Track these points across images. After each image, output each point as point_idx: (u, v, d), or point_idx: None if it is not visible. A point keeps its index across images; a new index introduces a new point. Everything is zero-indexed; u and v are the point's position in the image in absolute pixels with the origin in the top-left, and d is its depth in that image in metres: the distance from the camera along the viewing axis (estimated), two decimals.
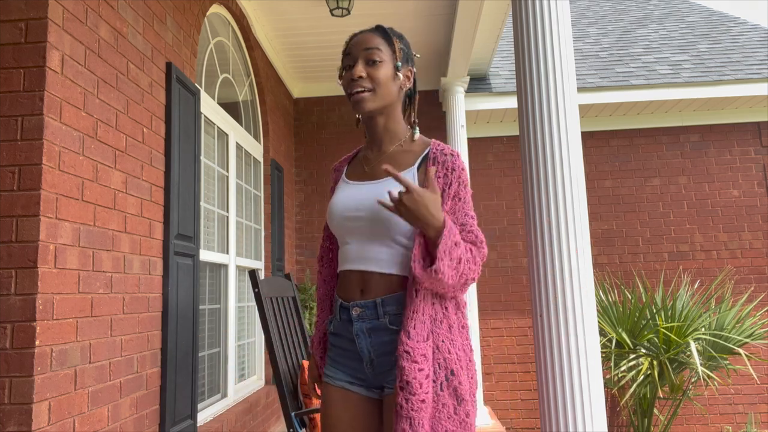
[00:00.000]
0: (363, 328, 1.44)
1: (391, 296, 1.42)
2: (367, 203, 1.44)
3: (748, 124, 5.69)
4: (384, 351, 1.43)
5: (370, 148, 1.58)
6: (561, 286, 1.67)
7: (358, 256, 1.47)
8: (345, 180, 1.58)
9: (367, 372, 1.46)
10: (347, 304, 1.48)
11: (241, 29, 4.21)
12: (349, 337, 1.48)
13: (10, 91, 1.86)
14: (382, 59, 1.46)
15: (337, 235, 1.54)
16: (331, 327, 1.56)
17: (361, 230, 1.46)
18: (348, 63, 1.49)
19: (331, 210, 1.53)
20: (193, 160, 2.97)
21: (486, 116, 5.65)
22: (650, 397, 4.63)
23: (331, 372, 1.53)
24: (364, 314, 1.44)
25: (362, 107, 1.46)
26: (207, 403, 3.39)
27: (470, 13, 4.00)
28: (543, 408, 1.67)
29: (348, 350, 1.49)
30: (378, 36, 1.49)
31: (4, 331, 1.77)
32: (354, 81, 1.46)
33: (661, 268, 5.55)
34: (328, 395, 1.51)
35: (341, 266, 1.53)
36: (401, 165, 1.49)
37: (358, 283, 1.47)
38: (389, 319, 1.43)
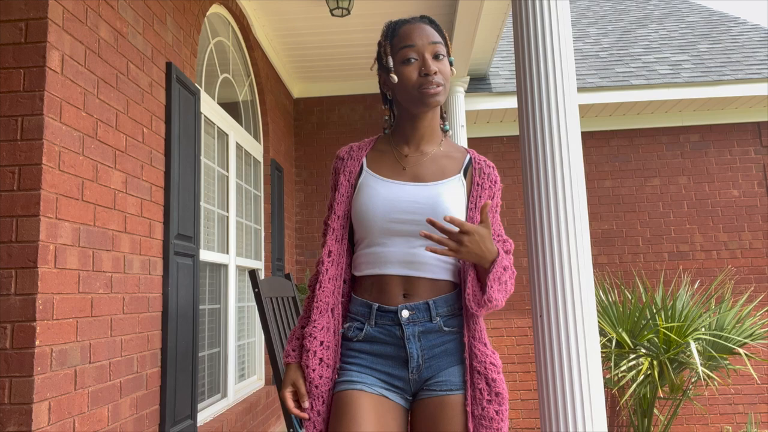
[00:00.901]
0: (415, 332, 1.37)
1: (441, 297, 1.39)
2: (424, 206, 1.38)
3: (748, 124, 5.69)
4: (433, 354, 1.38)
5: (405, 144, 1.49)
6: (561, 286, 1.67)
7: (404, 260, 1.39)
8: (374, 175, 1.45)
9: (410, 378, 1.38)
10: (391, 308, 1.38)
11: (241, 29, 4.21)
12: (390, 342, 1.38)
13: (10, 91, 1.86)
14: (444, 54, 1.43)
15: (371, 236, 1.42)
16: (360, 334, 1.41)
17: (409, 233, 1.39)
18: (411, 56, 1.40)
19: (369, 208, 1.40)
20: (193, 160, 2.97)
21: (486, 116, 5.65)
22: (650, 397, 4.63)
23: (358, 378, 1.37)
24: (415, 317, 1.37)
25: (438, 101, 1.41)
26: (207, 403, 3.39)
27: (470, 13, 4.00)
28: (543, 408, 1.67)
29: (387, 356, 1.38)
30: (434, 29, 1.44)
31: (4, 331, 1.77)
32: (429, 77, 1.38)
33: (661, 268, 5.55)
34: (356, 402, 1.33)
35: (371, 269, 1.42)
36: (446, 170, 1.45)
37: (401, 287, 1.40)
38: (443, 321, 1.39)
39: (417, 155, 1.47)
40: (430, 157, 1.47)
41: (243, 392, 3.99)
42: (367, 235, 1.42)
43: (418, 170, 1.45)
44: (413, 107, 1.43)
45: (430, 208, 1.38)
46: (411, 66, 1.40)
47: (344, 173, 1.48)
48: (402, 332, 1.37)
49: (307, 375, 1.38)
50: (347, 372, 1.39)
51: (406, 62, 1.40)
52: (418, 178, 1.44)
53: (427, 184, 1.42)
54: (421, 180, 1.44)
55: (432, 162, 1.46)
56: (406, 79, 1.40)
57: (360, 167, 1.48)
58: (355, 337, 1.41)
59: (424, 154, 1.47)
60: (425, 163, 1.46)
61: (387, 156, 1.49)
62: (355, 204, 1.43)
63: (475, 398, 1.34)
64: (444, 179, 1.44)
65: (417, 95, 1.40)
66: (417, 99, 1.40)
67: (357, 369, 1.39)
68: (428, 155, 1.47)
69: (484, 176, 1.47)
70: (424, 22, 1.45)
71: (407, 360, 1.37)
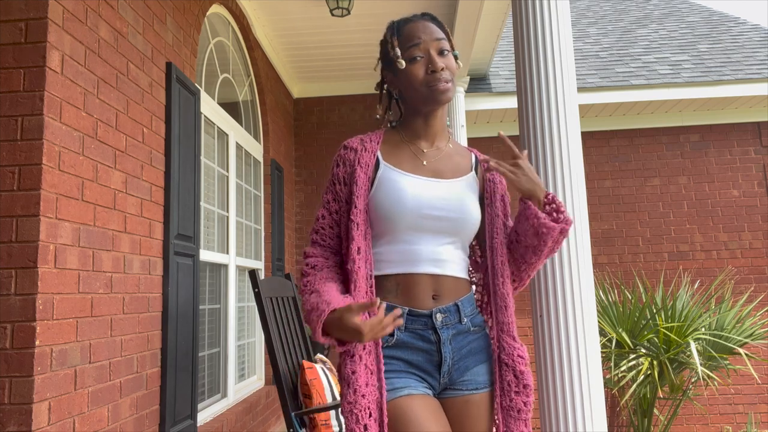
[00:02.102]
0: (449, 335, 1.35)
1: (466, 298, 1.41)
2: (453, 203, 1.38)
3: (748, 124, 5.69)
4: (461, 356, 1.38)
5: (420, 139, 1.47)
6: (561, 286, 1.67)
7: (432, 258, 1.36)
8: (394, 169, 1.40)
9: (441, 380, 1.37)
10: (423, 311, 1.34)
11: (241, 29, 4.21)
12: (422, 348, 1.34)
13: (10, 91, 1.86)
14: (449, 49, 1.42)
15: (395, 231, 1.36)
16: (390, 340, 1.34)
17: (437, 229, 1.37)
18: (417, 54, 1.39)
19: (397, 203, 1.34)
20: (193, 160, 2.97)
21: (486, 116, 5.65)
22: (650, 397, 4.63)
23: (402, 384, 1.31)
24: (448, 320, 1.36)
25: (448, 98, 1.41)
26: (207, 403, 3.39)
27: (470, 13, 4.00)
28: (543, 408, 1.67)
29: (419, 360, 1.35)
30: (437, 25, 1.44)
31: (4, 331, 1.77)
32: (437, 73, 1.37)
33: (661, 268, 5.55)
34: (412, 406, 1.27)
35: (399, 268, 1.36)
36: (461, 168, 1.47)
37: (430, 287, 1.36)
38: (470, 321, 1.39)
39: (434, 151, 1.47)
40: (446, 154, 1.48)
41: (243, 392, 3.99)
42: (391, 231, 1.36)
43: (437, 166, 1.44)
44: (424, 105, 1.42)
45: (458, 204, 1.39)
46: (417, 64, 1.39)
47: (360, 165, 1.40)
48: (437, 336, 1.35)
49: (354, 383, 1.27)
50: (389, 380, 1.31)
51: (413, 60, 1.39)
52: (438, 174, 1.43)
53: (448, 180, 1.43)
54: (441, 176, 1.43)
55: (448, 158, 1.47)
56: (414, 77, 1.39)
57: (376, 160, 1.42)
58: (385, 343, 1.34)
59: (440, 150, 1.48)
60: (442, 159, 1.46)
61: (403, 150, 1.45)
62: (379, 198, 1.36)
63: (503, 390, 1.37)
64: (461, 176, 1.45)
65: (426, 92, 1.39)
66: (427, 96, 1.39)
67: (395, 375, 1.32)
68: (444, 151, 1.48)
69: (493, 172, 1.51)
70: (426, 19, 1.44)
71: (440, 363, 1.35)
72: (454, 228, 1.38)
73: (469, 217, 1.39)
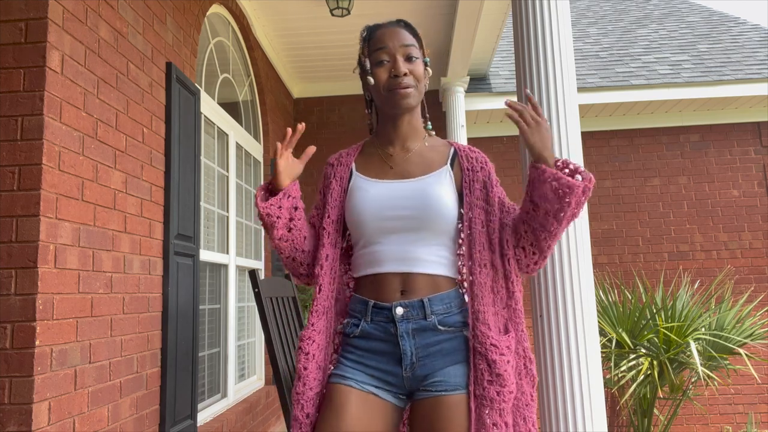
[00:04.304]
0: (408, 329, 1.38)
1: (438, 296, 1.40)
2: (415, 201, 1.40)
3: (748, 124, 5.69)
4: (427, 353, 1.38)
5: (390, 144, 1.50)
6: (561, 286, 1.67)
7: (399, 257, 1.41)
8: (363, 177, 1.48)
9: (404, 375, 1.39)
10: (386, 304, 1.40)
11: (241, 29, 4.21)
12: (384, 339, 1.40)
13: (10, 91, 1.86)
14: (418, 56, 1.45)
15: (366, 236, 1.44)
16: (356, 330, 1.43)
17: (402, 229, 1.40)
18: (382, 58, 1.43)
19: (361, 210, 1.42)
20: (193, 160, 2.97)
21: (486, 116, 5.65)
22: (650, 397, 4.63)
23: (350, 374, 1.39)
24: (409, 314, 1.38)
25: (408, 104, 1.43)
26: (207, 403, 3.39)
27: (470, 13, 4.00)
28: (543, 408, 1.68)
29: (381, 352, 1.40)
30: (408, 32, 1.47)
31: (4, 331, 1.77)
32: (398, 78, 1.41)
33: (661, 268, 5.55)
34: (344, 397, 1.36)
35: (369, 269, 1.44)
36: (433, 164, 1.47)
37: (398, 284, 1.41)
38: (437, 320, 1.39)
39: (402, 153, 1.49)
40: (416, 153, 1.49)
41: (243, 392, 3.99)
42: (362, 236, 1.45)
43: (404, 167, 1.47)
44: (387, 109, 1.46)
45: (420, 202, 1.40)
46: (383, 68, 1.43)
47: (336, 178, 1.52)
48: (396, 329, 1.39)
49: (304, 377, 1.39)
50: (341, 366, 1.42)
51: (379, 64, 1.43)
52: (405, 175, 1.46)
53: (415, 179, 1.44)
54: (409, 176, 1.46)
55: (418, 157, 1.48)
56: (378, 81, 1.43)
57: (350, 171, 1.52)
58: (352, 333, 1.44)
59: (408, 150, 1.49)
60: (411, 159, 1.48)
61: (374, 158, 1.52)
62: (348, 207, 1.46)
63: (476, 378, 1.35)
64: (431, 172, 1.46)
65: (388, 97, 1.43)
66: (389, 101, 1.43)
67: (351, 365, 1.41)
68: (413, 151, 1.49)
69: (472, 160, 1.48)
70: (399, 26, 1.47)
71: (401, 357, 1.38)
72: (419, 225, 1.40)
73: (434, 213, 1.40)
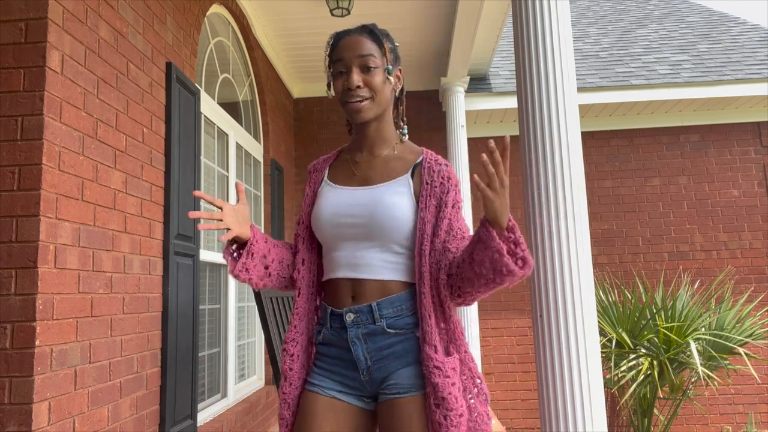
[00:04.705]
0: (359, 334, 1.40)
1: (386, 299, 1.39)
2: (366, 208, 1.40)
3: (748, 124, 5.69)
4: (381, 356, 1.39)
5: (358, 150, 1.51)
6: (561, 286, 1.67)
7: (349, 263, 1.42)
8: (329, 183, 1.51)
9: (363, 380, 1.41)
10: (339, 311, 1.42)
11: (241, 29, 4.21)
12: (342, 346, 1.42)
13: (10, 91, 1.86)
14: (376, 65, 1.41)
15: (325, 242, 1.47)
16: (320, 337, 1.47)
17: (355, 236, 1.41)
18: (339, 69, 1.42)
19: (319, 215, 1.45)
20: (193, 160, 2.97)
21: (486, 116, 5.65)
22: (650, 397, 4.63)
23: (317, 381, 1.44)
24: (358, 319, 1.39)
25: (362, 117, 1.42)
26: (207, 403, 3.39)
27: (470, 13, 4.00)
28: (543, 408, 1.67)
29: (342, 359, 1.43)
30: (368, 39, 1.43)
31: (4, 331, 1.77)
32: (351, 91, 1.40)
33: (661, 268, 5.55)
34: (311, 404, 1.41)
35: (328, 274, 1.47)
36: (394, 172, 1.45)
37: (349, 290, 1.42)
38: (386, 323, 1.39)
39: (369, 159, 1.50)
40: (381, 160, 1.49)
41: (243, 392, 3.99)
42: (323, 241, 1.49)
43: (367, 174, 1.48)
44: (348, 118, 1.48)
45: (371, 210, 1.39)
46: (339, 79, 1.44)
47: (310, 184, 1.57)
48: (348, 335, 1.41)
49: (290, 377, 1.45)
50: (312, 373, 1.47)
51: (337, 75, 1.45)
52: (366, 182, 1.46)
53: (373, 186, 1.44)
54: (369, 183, 1.45)
55: (382, 164, 1.48)
56: (336, 92, 1.45)
57: (322, 177, 1.55)
58: (317, 341, 1.49)
59: (375, 157, 1.49)
60: (375, 165, 1.48)
61: (344, 164, 1.54)
62: (312, 212, 1.50)
63: (427, 401, 1.34)
64: (391, 180, 1.44)
65: (344, 108, 1.45)
66: (345, 112, 1.45)
67: (318, 371, 1.46)
68: (379, 158, 1.49)
69: (434, 174, 1.42)
70: (360, 34, 1.44)
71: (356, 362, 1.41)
72: (370, 233, 1.39)
73: (385, 221, 1.37)
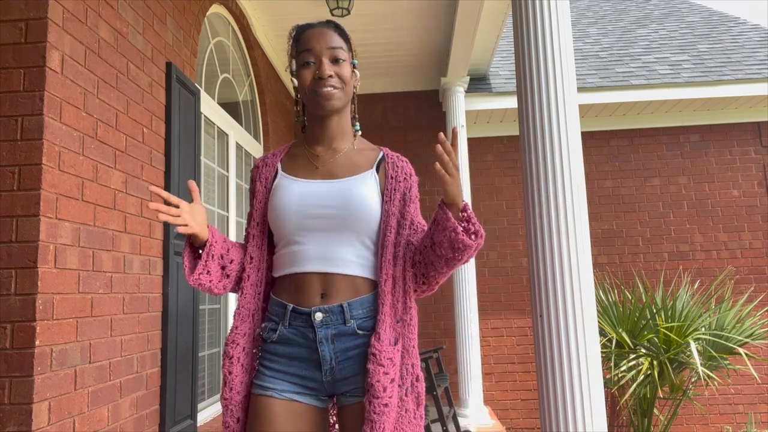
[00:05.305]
0: (328, 334, 1.37)
1: (357, 300, 1.39)
2: (339, 200, 1.39)
3: (748, 124, 5.69)
4: (346, 357, 1.37)
5: (316, 144, 1.50)
6: (561, 286, 1.67)
7: (320, 256, 1.39)
8: (288, 177, 1.47)
9: (324, 380, 1.38)
10: (305, 309, 1.38)
11: (241, 29, 4.21)
12: (303, 345, 1.38)
13: (10, 91, 1.86)
14: (344, 58, 1.45)
15: (287, 235, 1.43)
16: (274, 335, 1.41)
17: (325, 229, 1.40)
18: (308, 59, 1.44)
19: (283, 207, 1.41)
20: (193, 160, 2.97)
21: (486, 116, 5.65)
22: (650, 397, 4.63)
23: (269, 383, 1.38)
24: (328, 319, 1.37)
25: (333, 105, 1.43)
26: (207, 403, 3.39)
27: (470, 13, 4.00)
28: (543, 408, 1.67)
29: (300, 358, 1.39)
30: (337, 34, 1.47)
31: (4, 331, 1.77)
32: (323, 80, 1.41)
33: (661, 268, 5.55)
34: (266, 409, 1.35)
35: (289, 268, 1.42)
36: (358, 166, 1.47)
37: (319, 286, 1.39)
38: (357, 324, 1.38)
39: (329, 153, 1.49)
40: (343, 154, 1.49)
41: None
42: (284, 235, 1.44)
43: (330, 167, 1.47)
44: (313, 110, 1.47)
45: (343, 202, 1.39)
46: (308, 69, 1.44)
47: (260, 180, 1.51)
48: (315, 335, 1.37)
49: (230, 381, 1.39)
50: (261, 376, 1.40)
51: (305, 65, 1.44)
52: (330, 175, 1.46)
53: (340, 180, 1.44)
54: (334, 176, 1.45)
55: (345, 158, 1.48)
56: (303, 82, 1.44)
57: (275, 172, 1.51)
58: (269, 339, 1.42)
59: (336, 151, 1.49)
60: (338, 160, 1.48)
61: (300, 158, 1.51)
62: (270, 206, 1.45)
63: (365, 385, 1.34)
64: (357, 174, 1.45)
65: (312, 98, 1.43)
66: (313, 102, 1.44)
67: (270, 373, 1.40)
68: (341, 152, 1.49)
69: (398, 169, 1.48)
70: (328, 27, 1.47)
71: (320, 362, 1.37)
72: (342, 225, 1.39)
73: (357, 213, 1.39)
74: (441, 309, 5.37)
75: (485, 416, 4.64)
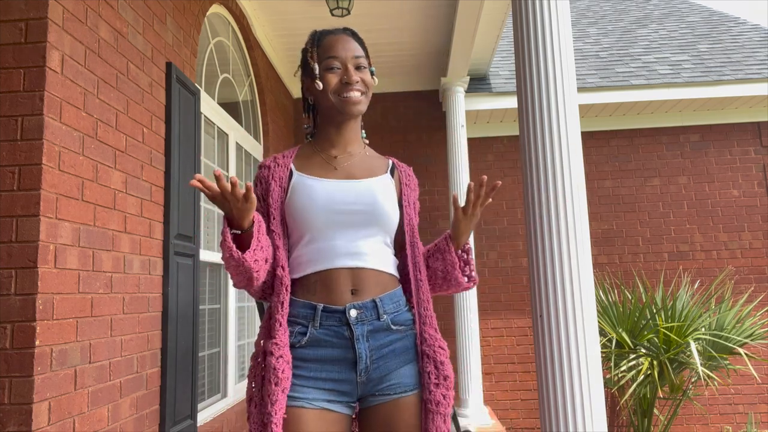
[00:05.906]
0: (364, 331, 1.36)
1: (387, 294, 1.42)
2: (366, 197, 1.44)
3: (748, 124, 5.69)
4: (380, 355, 1.38)
5: (332, 147, 1.52)
6: (561, 286, 1.67)
7: (350, 251, 1.40)
8: (306, 176, 1.46)
9: (357, 380, 1.36)
10: (337, 307, 1.36)
11: (241, 29, 4.21)
12: (337, 345, 1.36)
13: (10, 91, 1.86)
14: (366, 66, 1.52)
15: (315, 231, 1.40)
16: (304, 339, 1.36)
17: (354, 224, 1.41)
18: (334, 65, 1.48)
19: (310, 204, 1.39)
20: (193, 160, 2.97)
21: (486, 116, 5.65)
22: (650, 397, 4.63)
23: (302, 393, 1.33)
24: (363, 316, 1.37)
25: (358, 110, 1.49)
26: (207, 403, 3.39)
27: (470, 13, 3.99)
28: (543, 408, 1.67)
29: (333, 360, 1.35)
30: (357, 42, 1.53)
31: (4, 331, 1.77)
32: (350, 84, 1.47)
33: (661, 268, 5.55)
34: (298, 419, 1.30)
35: (316, 266, 1.40)
36: (376, 170, 1.53)
37: (349, 281, 1.39)
38: (390, 319, 1.40)
39: (345, 156, 1.52)
40: (359, 158, 1.53)
41: (243, 392, 3.99)
42: (308, 231, 1.41)
43: (348, 169, 1.50)
44: (335, 114, 1.49)
45: (370, 199, 1.43)
46: (334, 74, 1.48)
47: (274, 179, 1.46)
48: (351, 332, 1.36)
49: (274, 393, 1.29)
50: (291, 386, 1.33)
51: (330, 70, 1.48)
52: (350, 176, 1.49)
53: (360, 180, 1.48)
54: (353, 177, 1.49)
55: (361, 161, 1.53)
56: (328, 85, 1.47)
57: (289, 171, 1.49)
58: (297, 343, 1.36)
59: (352, 155, 1.53)
60: (355, 162, 1.52)
61: (315, 159, 1.52)
62: (292, 203, 1.42)
63: (424, 382, 1.38)
64: (375, 176, 1.51)
65: (337, 102, 1.46)
66: (338, 105, 1.47)
67: (300, 382, 1.34)
68: (356, 156, 1.53)
69: (409, 178, 1.59)
70: (347, 34, 1.52)
71: (356, 361, 1.36)
72: (370, 220, 1.42)
73: (384, 210, 1.44)
74: (441, 309, 5.37)
75: (485, 416, 4.64)
